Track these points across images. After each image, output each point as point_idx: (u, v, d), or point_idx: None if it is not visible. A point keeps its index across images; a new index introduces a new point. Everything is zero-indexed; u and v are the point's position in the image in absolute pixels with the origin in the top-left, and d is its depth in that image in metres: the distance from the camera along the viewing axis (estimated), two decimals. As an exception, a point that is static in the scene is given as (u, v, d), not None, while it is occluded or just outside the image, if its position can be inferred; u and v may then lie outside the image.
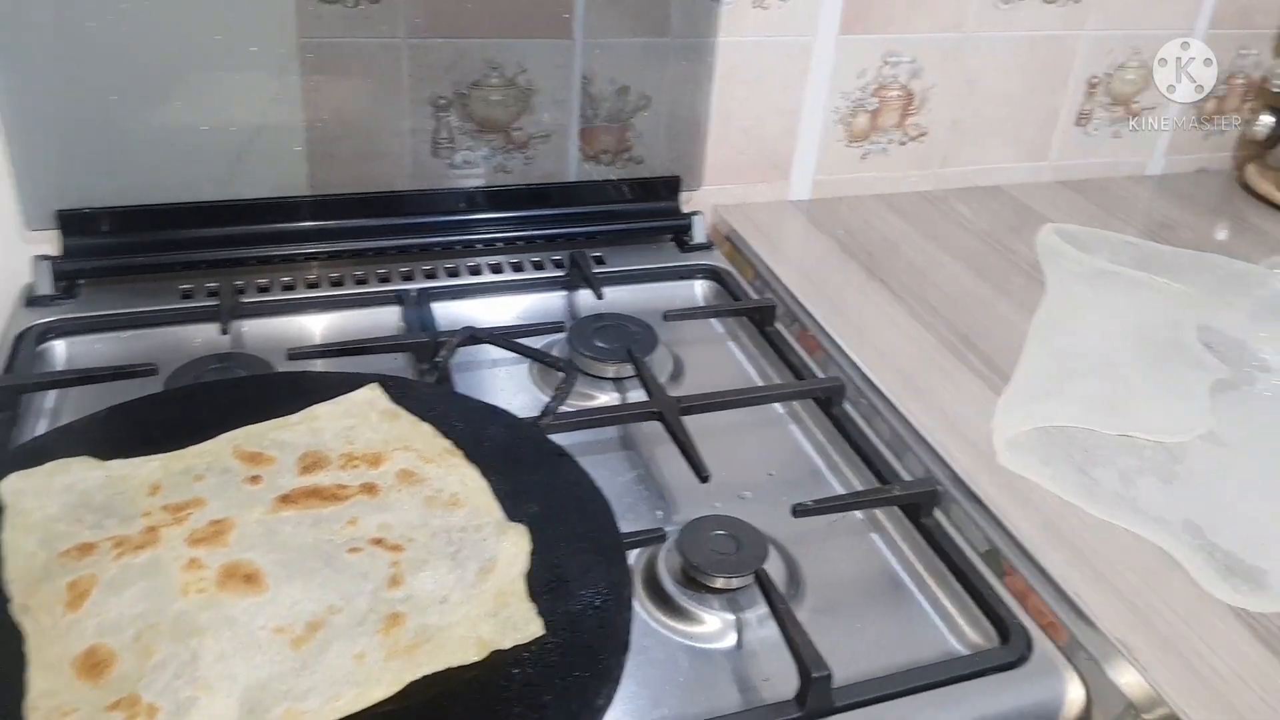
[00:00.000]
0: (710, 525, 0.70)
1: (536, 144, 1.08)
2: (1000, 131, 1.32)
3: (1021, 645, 0.65)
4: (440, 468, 0.66)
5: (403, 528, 0.61)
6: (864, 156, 1.27)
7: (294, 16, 0.93)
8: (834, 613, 0.69)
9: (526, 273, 1.05)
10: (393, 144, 1.03)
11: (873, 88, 1.22)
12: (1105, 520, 0.74)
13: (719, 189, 1.20)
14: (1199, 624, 0.66)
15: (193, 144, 0.95)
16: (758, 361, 0.97)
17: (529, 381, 0.90)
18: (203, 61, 0.93)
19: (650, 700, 0.61)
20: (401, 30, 0.97)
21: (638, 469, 0.81)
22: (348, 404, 0.72)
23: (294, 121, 0.98)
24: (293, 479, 0.64)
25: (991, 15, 1.22)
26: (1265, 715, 0.59)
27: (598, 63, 1.06)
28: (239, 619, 0.54)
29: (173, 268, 0.97)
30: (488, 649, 0.55)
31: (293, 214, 1.00)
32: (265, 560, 0.57)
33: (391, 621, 0.55)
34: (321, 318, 0.96)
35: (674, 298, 1.06)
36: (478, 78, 1.02)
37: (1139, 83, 1.36)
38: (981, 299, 1.04)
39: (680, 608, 0.67)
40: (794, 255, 1.11)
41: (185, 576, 0.56)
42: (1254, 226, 1.30)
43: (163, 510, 0.61)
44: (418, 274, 1.02)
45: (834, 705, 0.59)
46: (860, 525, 0.78)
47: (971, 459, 0.80)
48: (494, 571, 0.59)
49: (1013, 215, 1.26)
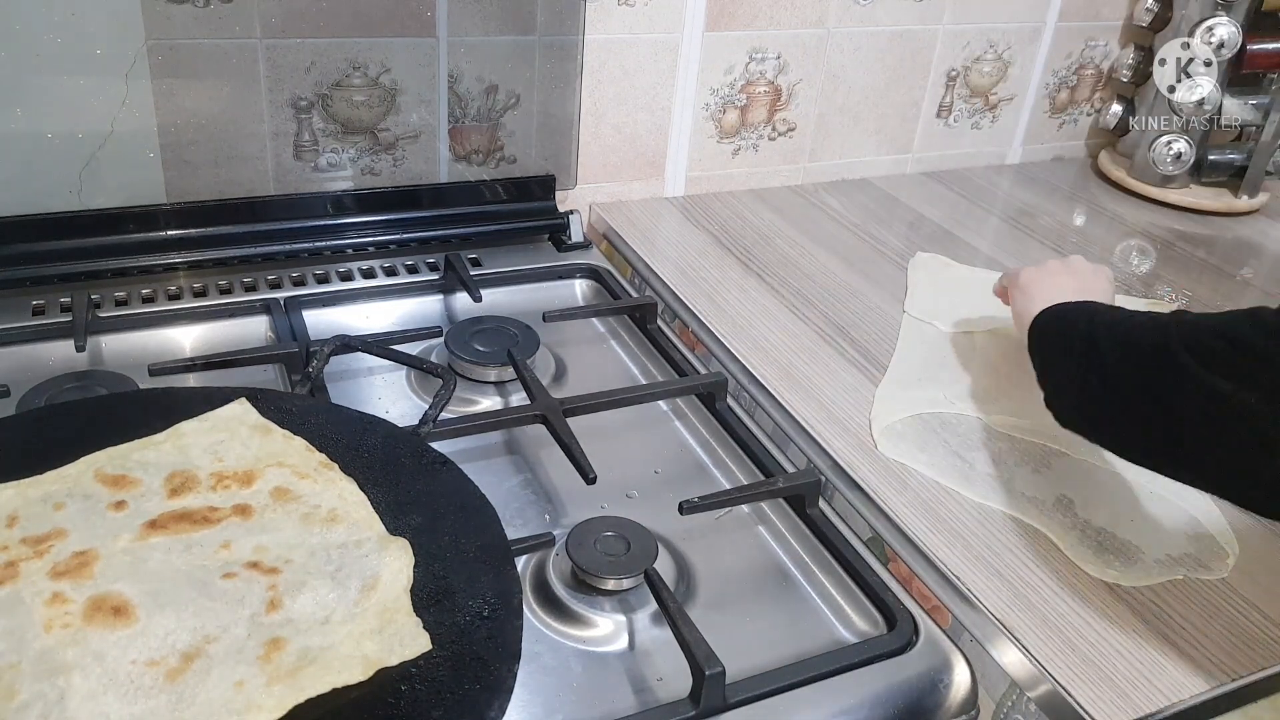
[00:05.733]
0: (598, 527, 0.69)
1: (405, 145, 1.06)
2: (865, 125, 1.35)
3: (908, 631, 0.66)
4: (316, 483, 0.64)
5: (280, 548, 0.59)
6: (735, 152, 1.28)
7: (140, 17, 0.89)
8: (725, 608, 0.69)
9: (400, 277, 1.03)
10: (253, 148, 0.99)
11: (741, 84, 1.23)
12: (981, 503, 0.76)
13: (594, 187, 1.20)
14: (1076, 601, 0.68)
15: (38, 152, 0.91)
16: (640, 359, 0.97)
17: (407, 389, 0.89)
18: (43, 65, 0.88)
19: (544, 708, 0.61)
20: (257, 30, 0.94)
21: (523, 473, 0.80)
22: (215, 420, 0.70)
23: (146, 127, 0.93)
24: (160, 502, 0.62)
25: (852, 11, 1.25)
26: (1143, 687, 0.62)
27: (464, 61, 1.04)
28: (108, 654, 0.51)
29: (22, 283, 0.92)
30: (374, 667, 0.53)
31: (150, 223, 0.96)
32: (134, 591, 0.55)
33: (272, 646, 0.53)
34: (185, 330, 0.92)
35: (554, 298, 1.05)
36: (339, 78, 1.00)
37: (995, 75, 1.40)
38: (854, 290, 1.06)
39: (571, 612, 0.67)
40: (671, 252, 1.11)
41: (48, 612, 0.53)
42: (1108, 210, 1.36)
43: (21, 544, 0.57)
44: (286, 281, 0.99)
45: (728, 702, 0.60)
46: (747, 519, 0.78)
47: (851, 448, 0.81)
48: (377, 588, 0.57)
49: (880, 207, 1.29)
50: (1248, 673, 0.64)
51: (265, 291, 0.98)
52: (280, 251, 1.01)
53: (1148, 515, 0.77)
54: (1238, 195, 1.40)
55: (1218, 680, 0.63)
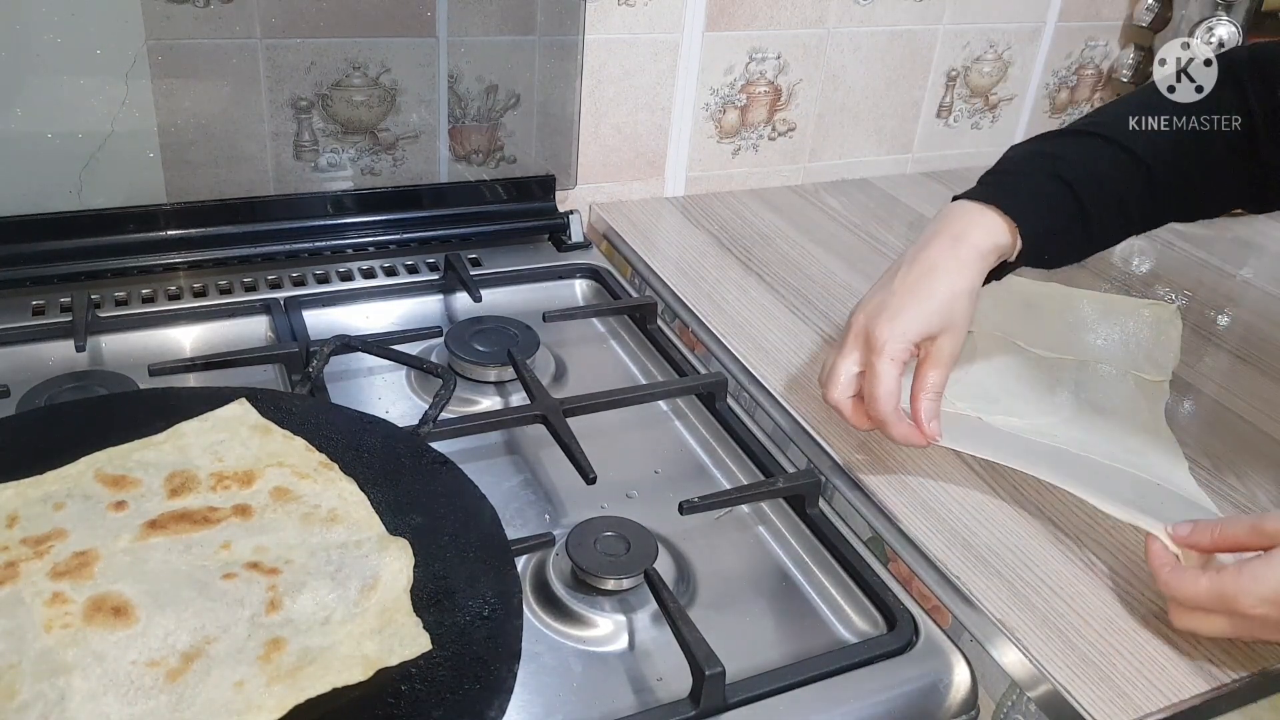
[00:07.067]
0: (598, 527, 0.69)
1: (405, 145, 1.06)
2: (865, 125, 1.35)
3: (908, 631, 0.66)
4: (316, 483, 0.64)
5: (279, 549, 0.59)
6: (735, 152, 1.28)
7: (140, 17, 0.89)
8: (724, 608, 0.69)
9: (400, 277, 1.03)
10: (253, 148, 0.99)
11: (741, 84, 1.23)
12: (982, 499, 0.76)
13: (594, 187, 1.20)
14: (1076, 601, 0.68)
15: (38, 152, 0.91)
16: (640, 359, 0.97)
17: (407, 389, 0.89)
18: (43, 66, 0.88)
19: (544, 708, 0.61)
20: (257, 30, 0.94)
21: (523, 473, 0.80)
22: (215, 420, 0.70)
23: (147, 127, 0.93)
24: (160, 503, 0.62)
25: (852, 11, 1.25)
26: (1143, 687, 0.62)
27: (464, 61, 1.04)
28: (109, 654, 0.51)
29: (22, 283, 0.92)
30: (374, 667, 0.53)
31: (150, 223, 0.96)
32: (134, 591, 0.55)
33: (272, 647, 0.53)
34: (185, 330, 0.92)
35: (554, 298, 1.05)
36: (339, 78, 1.00)
37: (995, 75, 1.40)
38: (854, 290, 1.06)
39: (571, 612, 0.67)
40: (671, 252, 1.11)
41: (48, 612, 0.53)
42: (1106, 211, 1.36)
43: (21, 544, 0.57)
44: (286, 281, 0.99)
45: (728, 702, 0.60)
46: (747, 519, 0.78)
47: (851, 448, 0.81)
48: (377, 588, 0.57)
49: (880, 207, 1.29)
50: (1248, 673, 0.64)
51: (265, 291, 0.98)
52: (280, 251, 1.01)
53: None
54: (1238, 195, 1.39)
55: (1218, 680, 0.63)
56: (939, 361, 0.74)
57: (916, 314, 0.73)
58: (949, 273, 0.74)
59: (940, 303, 0.73)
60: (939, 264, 0.75)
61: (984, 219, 0.76)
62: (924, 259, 0.76)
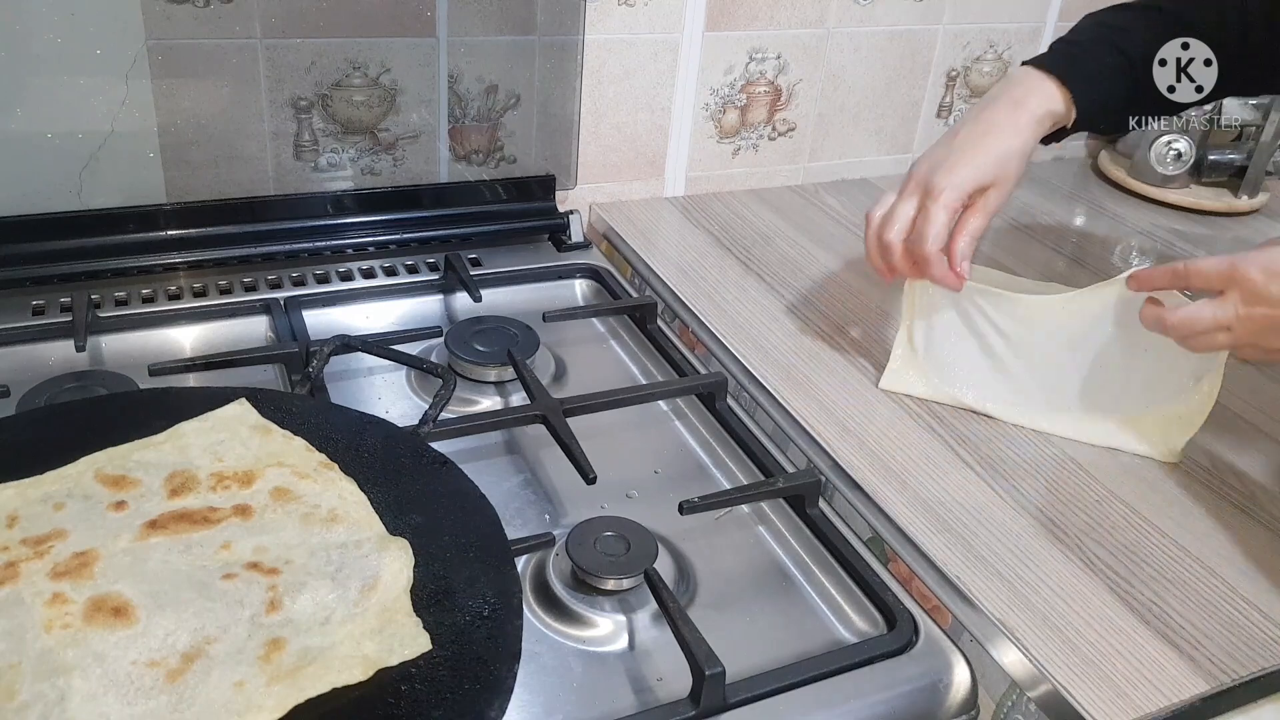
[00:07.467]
0: (598, 527, 0.69)
1: (405, 145, 1.06)
2: (865, 125, 1.35)
3: (908, 631, 0.66)
4: (316, 483, 0.64)
5: (279, 549, 0.59)
6: (735, 152, 1.28)
7: (140, 18, 0.89)
8: (724, 608, 0.69)
9: (400, 277, 1.03)
10: (253, 148, 0.99)
11: (741, 84, 1.23)
12: (982, 499, 0.76)
13: (594, 187, 1.20)
14: (1076, 601, 0.68)
15: (38, 152, 0.91)
16: (640, 359, 0.97)
17: (407, 389, 0.89)
18: (43, 66, 0.88)
19: (544, 708, 0.61)
20: (257, 30, 0.94)
21: (523, 473, 0.80)
22: (215, 420, 0.70)
23: (147, 127, 0.93)
24: (160, 503, 0.62)
25: (852, 10, 1.25)
26: (1143, 687, 0.62)
27: (464, 61, 1.04)
28: (109, 654, 0.51)
29: (22, 283, 0.92)
30: (374, 667, 0.53)
31: (150, 223, 0.96)
32: (134, 591, 0.55)
33: (272, 647, 0.53)
34: (185, 330, 0.92)
35: (554, 298, 1.05)
36: (339, 78, 1.00)
37: (995, 75, 1.40)
38: (854, 290, 1.06)
39: (571, 612, 0.67)
40: (671, 252, 1.11)
41: (48, 612, 0.53)
42: (1108, 210, 1.36)
43: (21, 544, 0.57)
44: (286, 281, 0.99)
45: (728, 702, 0.60)
46: (747, 519, 0.78)
47: (851, 448, 0.81)
48: (377, 588, 0.57)
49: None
50: (1248, 673, 0.64)
51: (265, 291, 0.98)
52: (280, 251, 1.01)
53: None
54: (1238, 195, 1.39)
55: (1218, 680, 0.63)
56: (983, 210, 0.82)
57: (973, 168, 0.81)
58: (1005, 133, 0.82)
59: (995, 159, 0.81)
60: (997, 124, 0.83)
61: (1044, 87, 0.84)
62: (984, 119, 0.83)
